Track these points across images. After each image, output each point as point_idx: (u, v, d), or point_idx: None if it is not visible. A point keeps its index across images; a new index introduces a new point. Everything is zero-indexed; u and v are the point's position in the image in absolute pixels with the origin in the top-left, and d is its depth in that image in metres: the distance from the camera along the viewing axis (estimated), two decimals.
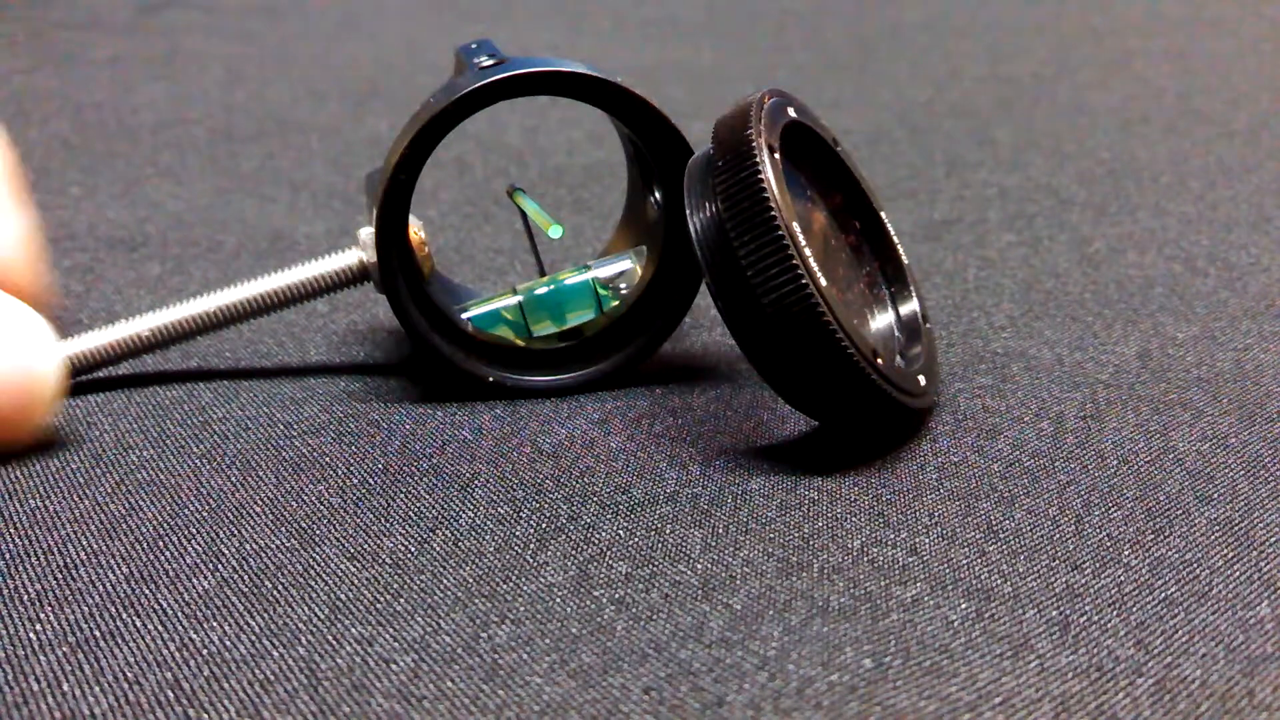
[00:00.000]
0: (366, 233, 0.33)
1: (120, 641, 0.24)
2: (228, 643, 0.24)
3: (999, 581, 0.25)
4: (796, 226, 0.28)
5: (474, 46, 0.33)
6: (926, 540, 0.27)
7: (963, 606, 0.25)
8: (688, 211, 0.30)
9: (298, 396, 0.34)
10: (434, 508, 0.28)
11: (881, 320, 0.33)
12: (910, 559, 0.26)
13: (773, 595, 0.25)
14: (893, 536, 0.27)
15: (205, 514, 0.28)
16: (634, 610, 0.25)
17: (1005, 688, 0.22)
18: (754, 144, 0.29)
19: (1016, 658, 0.23)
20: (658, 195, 0.34)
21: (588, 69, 0.32)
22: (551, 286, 0.34)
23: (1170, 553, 0.26)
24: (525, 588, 0.25)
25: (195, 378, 0.35)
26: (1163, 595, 0.25)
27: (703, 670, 0.23)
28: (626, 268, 0.34)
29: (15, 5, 0.85)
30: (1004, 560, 0.26)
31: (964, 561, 0.26)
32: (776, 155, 0.29)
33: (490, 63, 0.32)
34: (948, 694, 0.22)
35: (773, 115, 0.30)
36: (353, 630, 0.24)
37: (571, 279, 0.34)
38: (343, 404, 0.33)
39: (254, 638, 0.24)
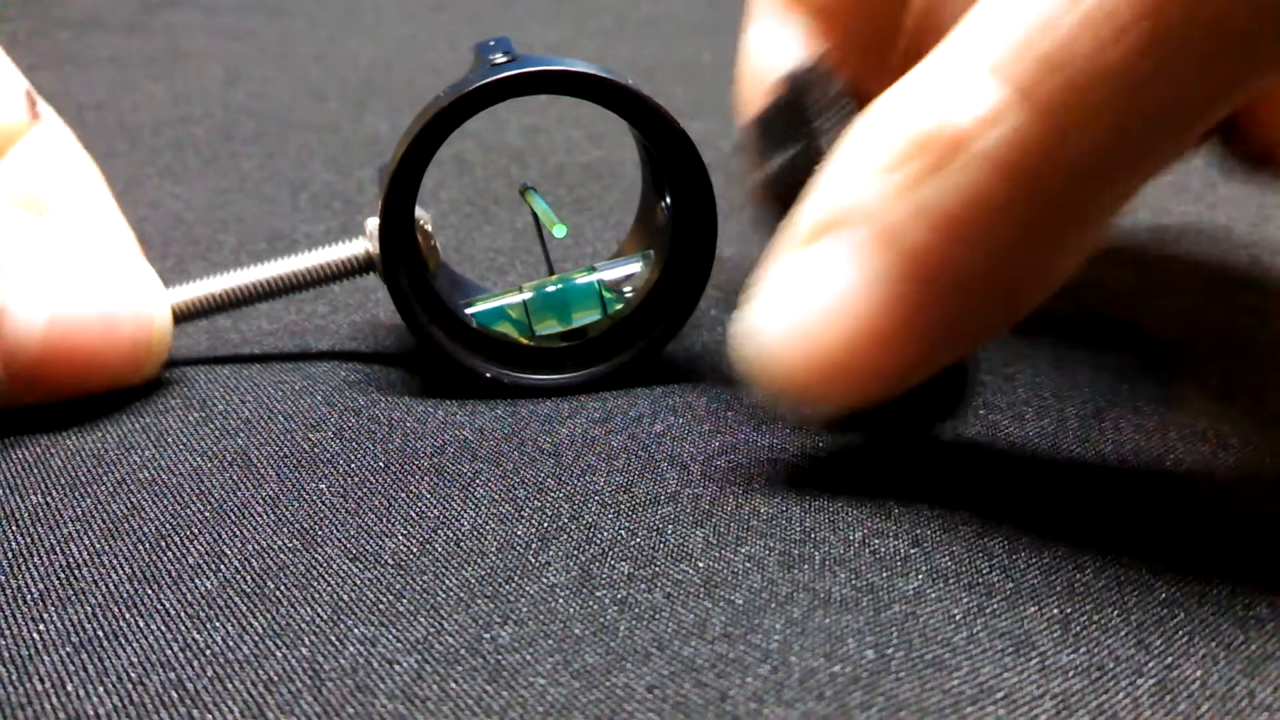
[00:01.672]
0: (373, 223, 0.33)
1: (124, 641, 0.24)
2: (231, 643, 0.24)
3: (1000, 577, 0.25)
4: None
5: (491, 43, 0.33)
6: (928, 532, 0.27)
7: (964, 600, 0.25)
8: (762, 154, 0.30)
9: (298, 388, 0.34)
10: (435, 508, 0.28)
11: None
12: (912, 550, 0.26)
13: (775, 589, 0.25)
14: (894, 528, 0.27)
15: (208, 514, 0.28)
16: (636, 610, 0.25)
17: (1007, 683, 0.22)
18: (844, 88, 0.30)
19: (1018, 654, 0.23)
20: (668, 199, 0.34)
21: (597, 69, 0.32)
22: (559, 286, 0.34)
23: (1171, 552, 0.26)
24: (528, 588, 0.25)
25: (194, 376, 0.35)
26: (1163, 595, 0.25)
27: (706, 666, 0.23)
28: (634, 271, 0.34)
29: (15, 5, 0.85)
30: (1005, 556, 0.26)
31: (965, 555, 0.26)
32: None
33: (503, 60, 0.32)
34: (950, 687, 0.22)
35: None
36: (356, 631, 0.24)
37: (579, 279, 0.34)
38: (343, 398, 0.33)
39: (257, 638, 0.24)
